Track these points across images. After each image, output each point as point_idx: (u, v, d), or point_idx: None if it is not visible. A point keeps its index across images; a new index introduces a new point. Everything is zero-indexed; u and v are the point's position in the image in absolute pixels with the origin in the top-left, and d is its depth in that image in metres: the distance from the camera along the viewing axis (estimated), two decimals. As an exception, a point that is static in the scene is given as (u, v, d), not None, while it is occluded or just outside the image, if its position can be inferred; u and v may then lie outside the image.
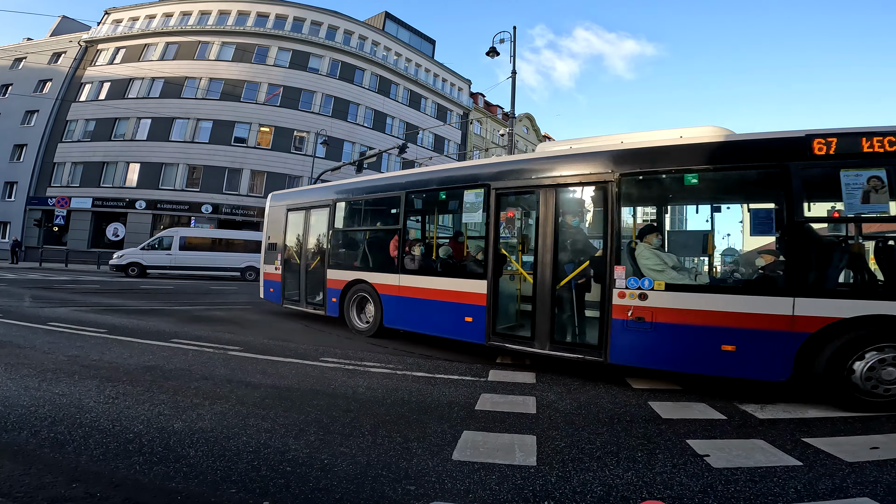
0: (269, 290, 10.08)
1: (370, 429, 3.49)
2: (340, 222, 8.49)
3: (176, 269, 19.31)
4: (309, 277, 8.96)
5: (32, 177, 31.15)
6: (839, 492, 2.73)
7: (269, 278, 10.12)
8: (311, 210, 9.06)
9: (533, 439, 3.40)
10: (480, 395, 4.55)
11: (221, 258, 19.42)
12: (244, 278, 18.97)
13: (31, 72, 32.88)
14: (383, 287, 7.35)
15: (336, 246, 8.56)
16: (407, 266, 7.14)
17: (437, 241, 7.85)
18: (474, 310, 6.10)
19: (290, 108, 32.20)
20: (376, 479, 2.68)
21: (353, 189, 8.50)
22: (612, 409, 4.28)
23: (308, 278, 8.97)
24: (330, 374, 5.14)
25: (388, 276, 7.30)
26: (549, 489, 2.66)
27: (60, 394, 3.95)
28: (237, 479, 2.59)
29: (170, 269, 19.29)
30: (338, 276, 8.20)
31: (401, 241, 7.26)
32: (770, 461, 3.13)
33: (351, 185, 8.69)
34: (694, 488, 2.72)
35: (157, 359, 5.42)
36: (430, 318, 6.68)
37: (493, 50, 17.01)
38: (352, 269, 8.08)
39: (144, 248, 19.84)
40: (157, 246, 19.65)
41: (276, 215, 10.04)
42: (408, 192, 7.26)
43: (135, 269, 19.14)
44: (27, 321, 7.41)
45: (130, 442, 3.02)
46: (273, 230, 10.10)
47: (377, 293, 7.43)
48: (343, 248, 8.60)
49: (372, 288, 7.53)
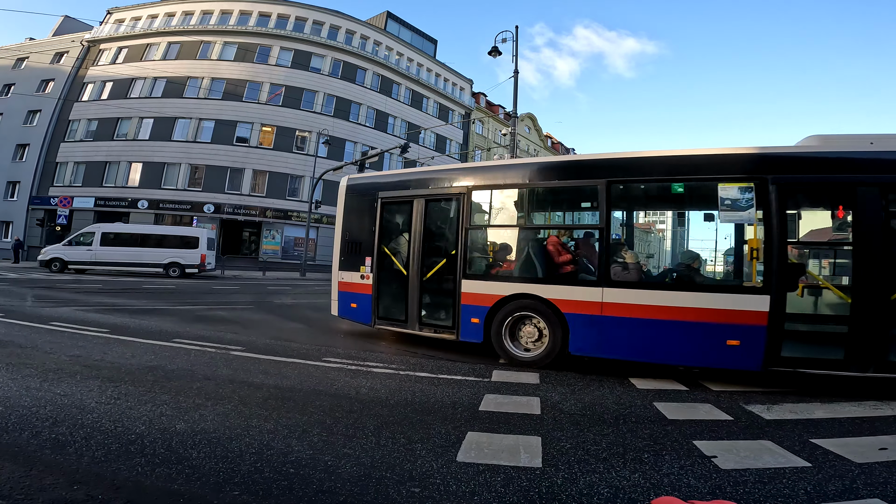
0: (350, 305, 7.64)
1: (374, 430, 3.46)
2: (483, 217, 6.83)
3: (97, 264, 19.04)
4: (425, 290, 6.86)
5: (35, 176, 31.23)
6: (849, 493, 2.70)
7: (350, 290, 7.64)
8: (426, 200, 6.96)
9: (538, 440, 3.37)
10: (484, 395, 4.51)
11: (144, 254, 19.05)
12: (167, 275, 18.70)
13: (34, 71, 32.96)
14: (571, 304, 5.71)
15: (477, 249, 6.75)
16: (618, 277, 5.60)
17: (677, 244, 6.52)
18: (743, 331, 4.93)
19: (292, 108, 32.23)
20: (380, 481, 2.65)
21: (506, 174, 6.68)
22: (617, 410, 4.25)
23: (424, 291, 6.86)
24: (333, 375, 5.12)
25: (579, 291, 5.76)
26: (555, 491, 2.62)
27: (62, 394, 3.93)
28: (240, 481, 2.57)
29: (90, 264, 19.03)
30: (481, 288, 6.29)
31: (602, 244, 5.70)
32: (779, 462, 3.09)
33: (498, 168, 6.86)
34: (702, 490, 2.68)
35: (159, 359, 5.41)
36: (660, 344, 5.32)
37: (495, 49, 16.98)
38: (506, 280, 6.26)
39: (67, 243, 19.56)
40: (79, 242, 19.37)
41: (359, 205, 7.75)
42: (613, 182, 5.73)
43: (57, 265, 18.93)
44: (29, 321, 7.41)
45: (132, 443, 2.99)
46: (354, 225, 7.81)
47: (558, 312, 5.75)
48: (489, 252, 6.77)
49: (547, 305, 5.83)
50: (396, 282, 7.16)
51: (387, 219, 7.44)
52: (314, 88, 33.20)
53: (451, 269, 6.60)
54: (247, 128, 31.38)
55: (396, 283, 7.16)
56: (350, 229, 7.83)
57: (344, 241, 7.84)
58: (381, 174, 8.32)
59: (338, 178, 27.17)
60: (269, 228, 31.46)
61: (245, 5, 33.00)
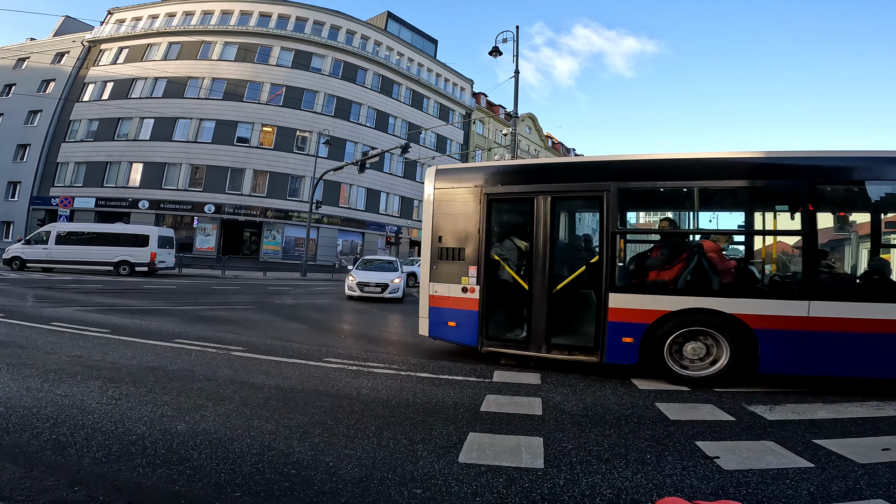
0: (447, 323, 6.30)
1: (375, 430, 3.46)
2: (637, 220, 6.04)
3: (53, 262, 19.32)
4: (554, 305, 5.78)
5: (36, 177, 31.26)
6: (853, 493, 2.69)
7: (447, 305, 6.26)
8: (553, 198, 5.86)
9: (540, 441, 3.36)
10: (485, 396, 4.51)
11: (95, 252, 19.26)
12: (118, 273, 18.96)
13: (35, 72, 32.98)
14: (764, 320, 5.07)
15: (629, 257, 5.96)
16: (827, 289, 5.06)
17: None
18: None
19: (292, 108, 32.22)
20: (382, 482, 2.64)
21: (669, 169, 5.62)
22: (619, 411, 4.24)
23: (552, 307, 5.77)
24: (333, 375, 5.11)
25: (776, 305, 5.09)
26: (557, 492, 2.62)
27: (63, 395, 3.92)
28: (241, 482, 2.56)
29: (47, 262, 19.32)
30: (637, 303, 5.40)
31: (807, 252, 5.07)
32: (781, 463, 3.09)
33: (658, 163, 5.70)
34: (705, 491, 2.68)
35: (160, 359, 5.40)
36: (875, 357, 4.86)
37: (495, 49, 16.97)
38: (672, 293, 5.41)
39: (25, 242, 19.93)
40: (37, 241, 19.70)
41: (457, 202, 6.43)
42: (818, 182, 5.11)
43: (17, 263, 19.34)
44: (30, 321, 7.40)
45: (133, 444, 2.99)
46: (450, 227, 6.40)
47: (744, 328, 5.10)
48: (646, 261, 5.82)
49: (729, 321, 5.14)
50: (513, 296, 6.03)
51: (497, 219, 6.28)
52: (315, 89, 33.19)
53: (592, 280, 5.67)
54: (247, 128, 31.38)
55: (513, 297, 6.04)
56: (444, 232, 6.39)
57: (436, 247, 6.38)
58: (484, 164, 6.86)
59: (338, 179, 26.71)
60: (269, 229, 31.46)
61: (246, 5, 33.00)
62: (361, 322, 10.01)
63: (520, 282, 5.95)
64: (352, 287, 14.49)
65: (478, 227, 6.13)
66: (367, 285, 14.35)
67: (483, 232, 6.09)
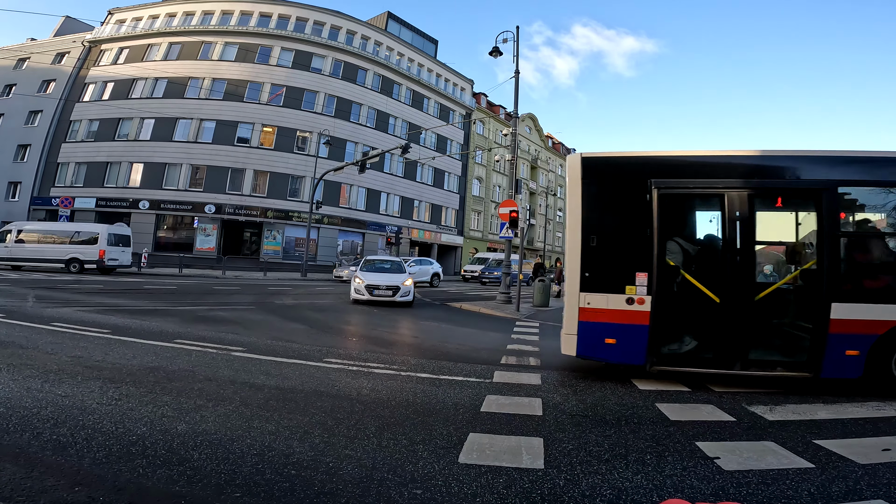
0: (604, 340, 5.36)
1: (375, 431, 3.46)
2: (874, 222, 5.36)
3: (11, 260, 20.17)
4: (755, 317, 5.14)
5: (36, 177, 31.28)
6: (853, 494, 2.69)
7: (605, 319, 5.36)
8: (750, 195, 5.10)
9: (540, 441, 3.36)
10: (486, 396, 4.50)
11: (48, 250, 20.18)
12: (68, 270, 19.71)
13: (35, 72, 33.00)
14: None
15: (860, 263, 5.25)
16: None
17: None
18: None
19: (292, 109, 32.22)
20: (382, 483, 2.64)
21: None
22: (620, 411, 4.24)
23: (752, 319, 5.10)
24: (334, 376, 5.11)
25: None
26: (557, 493, 2.62)
27: (63, 395, 3.92)
28: (241, 483, 2.56)
29: (7, 260, 20.14)
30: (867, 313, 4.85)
31: None
32: (782, 463, 3.08)
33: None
34: (705, 491, 2.67)
35: (160, 360, 5.40)
36: None
37: (496, 50, 16.94)
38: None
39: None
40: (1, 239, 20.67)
41: (615, 198, 5.60)
42: None
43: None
44: (30, 321, 7.40)
45: (133, 444, 2.99)
46: (606, 227, 5.54)
47: None
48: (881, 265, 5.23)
49: None
50: (697, 306, 5.27)
51: (672, 218, 5.48)
52: (315, 89, 33.20)
53: (807, 288, 5.15)
54: (248, 128, 31.38)
55: (697, 308, 5.27)
56: (600, 233, 5.46)
57: (588, 249, 5.40)
58: (653, 154, 5.80)
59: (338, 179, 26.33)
60: (270, 229, 31.46)
61: (246, 6, 33.01)
62: (362, 322, 10.01)
63: (705, 291, 5.18)
64: (359, 290, 13.16)
65: (647, 227, 5.22)
66: (376, 288, 13.06)
67: (655, 233, 5.19)
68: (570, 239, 5.52)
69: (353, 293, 13.32)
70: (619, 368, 5.67)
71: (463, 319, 11.39)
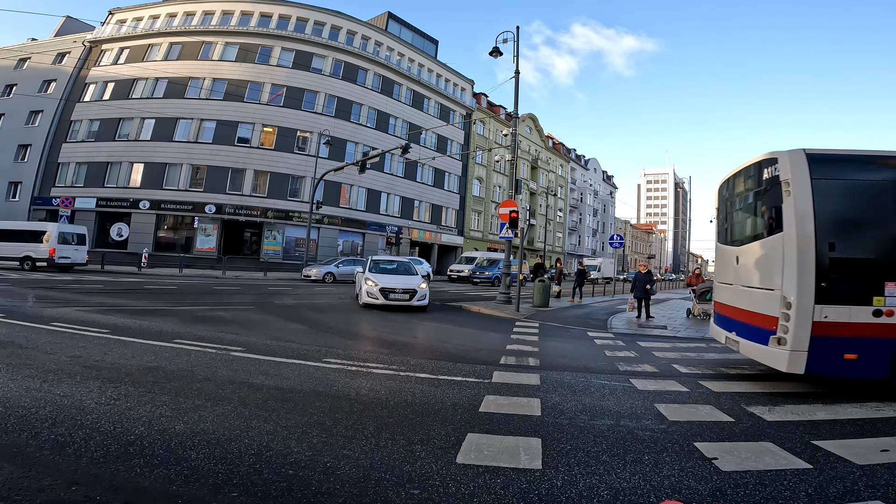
0: (842, 356, 4.91)
1: (373, 431, 3.46)
2: None
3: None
4: None
5: (37, 177, 31.27)
6: (851, 495, 2.69)
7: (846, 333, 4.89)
8: None
9: (538, 442, 3.36)
10: (484, 396, 4.50)
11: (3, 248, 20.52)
12: (22, 267, 20.07)
13: (36, 72, 33.01)
14: None
15: None
16: None
17: None
18: None
19: (293, 109, 32.21)
20: (379, 483, 2.64)
21: None
22: (618, 411, 4.24)
23: None
24: (333, 376, 5.11)
25: None
26: (554, 493, 2.61)
27: (62, 395, 3.92)
28: (239, 483, 2.56)
29: None
30: None
31: None
32: (780, 464, 3.08)
33: None
34: (703, 492, 2.67)
35: (159, 359, 5.40)
36: None
37: (496, 50, 16.95)
38: None
39: None
40: None
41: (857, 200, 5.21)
42: None
43: None
44: (30, 321, 7.41)
45: (131, 444, 2.99)
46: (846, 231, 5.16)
47: None
48: None
49: None
50: None
51: None
52: (315, 89, 33.19)
53: None
54: (248, 128, 31.36)
55: None
56: (841, 238, 5.03)
57: (823, 258, 4.92)
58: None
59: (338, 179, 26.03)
60: (270, 229, 31.44)
61: (246, 6, 33.01)
62: (361, 323, 10.01)
63: None
64: (372, 293, 11.92)
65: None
66: (392, 291, 11.92)
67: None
68: (790, 245, 5.01)
69: (365, 297, 12.10)
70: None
71: (462, 319, 11.39)
